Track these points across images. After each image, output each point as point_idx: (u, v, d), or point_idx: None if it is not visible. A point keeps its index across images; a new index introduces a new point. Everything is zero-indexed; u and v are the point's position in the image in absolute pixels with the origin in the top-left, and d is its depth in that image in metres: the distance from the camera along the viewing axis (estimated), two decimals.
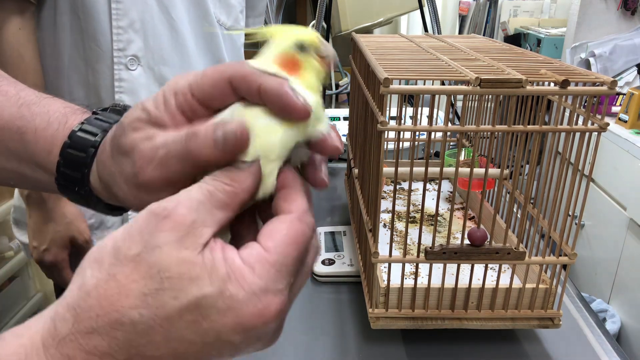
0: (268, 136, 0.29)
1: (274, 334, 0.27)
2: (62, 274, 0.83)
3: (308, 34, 0.31)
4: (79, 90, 0.78)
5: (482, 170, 0.61)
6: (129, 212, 0.53)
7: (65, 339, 0.24)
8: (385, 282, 0.53)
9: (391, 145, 0.89)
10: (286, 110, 0.28)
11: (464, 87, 0.47)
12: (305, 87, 0.30)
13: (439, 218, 0.77)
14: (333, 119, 1.37)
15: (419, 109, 0.56)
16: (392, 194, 0.87)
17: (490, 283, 0.54)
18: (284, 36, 0.31)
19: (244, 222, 0.32)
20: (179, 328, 0.24)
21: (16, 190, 0.90)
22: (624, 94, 1.89)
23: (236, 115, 0.29)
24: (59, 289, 0.92)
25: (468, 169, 0.54)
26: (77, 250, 0.82)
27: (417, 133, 0.49)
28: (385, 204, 0.83)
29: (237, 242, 0.30)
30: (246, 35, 1.00)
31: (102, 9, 0.74)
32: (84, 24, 0.75)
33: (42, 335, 0.25)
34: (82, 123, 0.37)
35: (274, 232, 0.27)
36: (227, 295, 0.25)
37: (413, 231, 0.74)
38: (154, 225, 0.25)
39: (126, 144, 0.31)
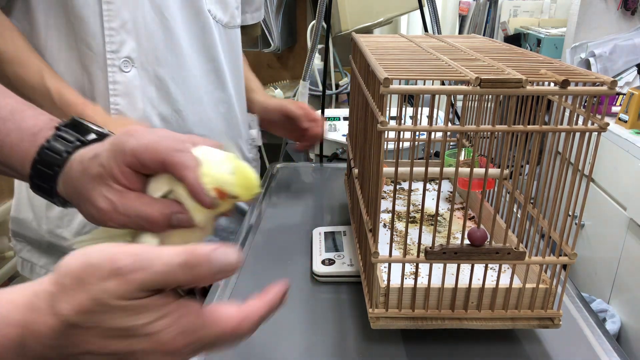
0: (196, 212, 0.41)
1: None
2: None
3: (251, 195, 0.41)
4: None
5: (482, 170, 0.61)
6: None
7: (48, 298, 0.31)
8: (385, 282, 0.53)
9: (391, 145, 0.89)
10: (196, 198, 0.40)
11: (464, 87, 0.46)
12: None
13: (439, 218, 0.77)
14: (333, 119, 1.37)
15: (419, 109, 0.56)
16: (392, 194, 0.87)
17: (490, 283, 0.54)
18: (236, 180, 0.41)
19: None
20: (106, 338, 0.32)
21: (14, 202, 0.87)
22: (624, 94, 1.89)
23: (166, 183, 0.41)
24: None
25: (468, 169, 0.54)
26: None
27: (417, 133, 0.49)
28: (385, 204, 0.83)
29: None
30: (242, 30, 1.00)
31: (93, 10, 0.73)
32: (76, 26, 0.73)
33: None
34: (48, 141, 0.45)
35: (217, 313, 0.35)
36: (150, 327, 0.32)
37: (413, 231, 0.74)
38: (106, 274, 0.31)
39: (96, 201, 0.42)
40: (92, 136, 0.47)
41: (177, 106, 0.83)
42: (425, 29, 1.29)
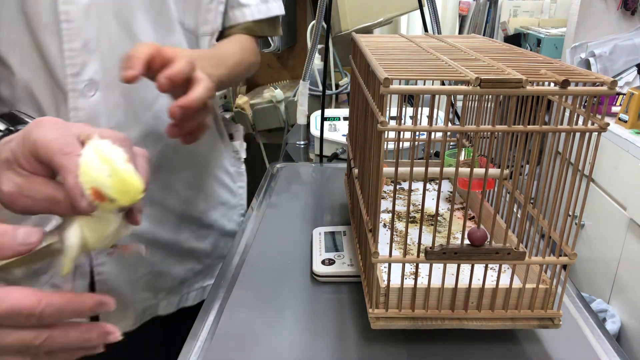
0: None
1: None
2: None
3: (132, 200, 0.41)
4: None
5: (482, 170, 0.61)
6: None
7: None
8: (385, 282, 0.53)
9: (391, 145, 0.89)
10: (72, 202, 0.40)
11: (464, 87, 0.46)
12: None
13: (439, 218, 0.77)
14: (333, 119, 1.37)
15: (419, 109, 0.56)
16: (392, 194, 0.87)
17: (490, 283, 0.54)
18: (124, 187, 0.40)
19: None
20: None
21: None
22: (624, 94, 1.89)
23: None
24: None
25: (468, 169, 0.54)
26: None
27: (417, 133, 0.49)
28: (385, 204, 0.83)
29: None
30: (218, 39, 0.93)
31: (51, 30, 0.65)
32: (37, 45, 0.66)
33: None
34: None
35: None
36: None
37: (413, 231, 0.74)
38: None
39: (1, 184, 0.42)
40: (22, 127, 0.48)
41: (147, 129, 0.76)
42: (425, 29, 1.29)
